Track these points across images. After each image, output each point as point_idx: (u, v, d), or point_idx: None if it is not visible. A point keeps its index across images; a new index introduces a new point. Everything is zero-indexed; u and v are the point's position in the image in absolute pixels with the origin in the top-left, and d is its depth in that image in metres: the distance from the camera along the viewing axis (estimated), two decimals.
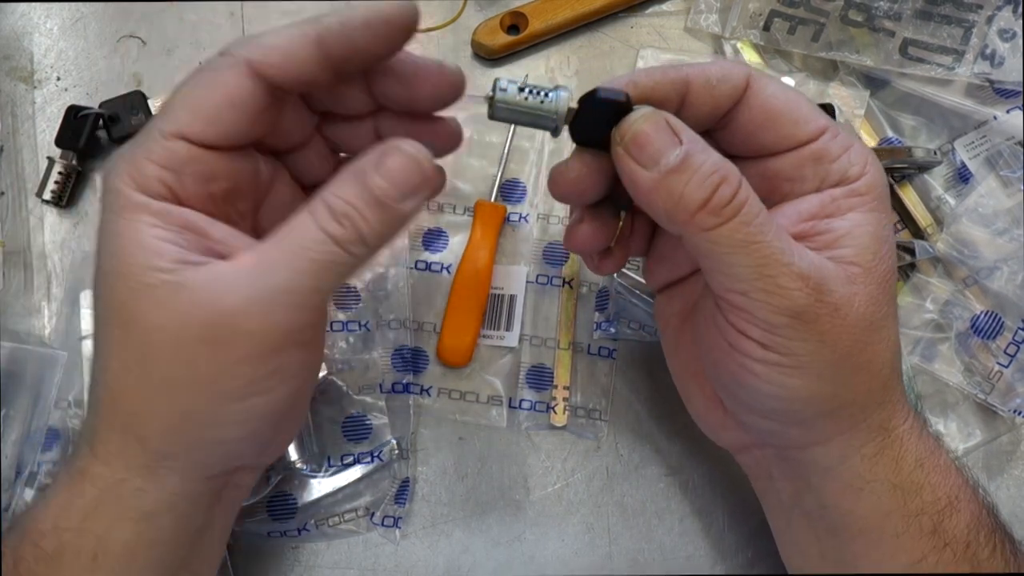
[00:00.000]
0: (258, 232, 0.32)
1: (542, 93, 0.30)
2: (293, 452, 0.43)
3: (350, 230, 0.27)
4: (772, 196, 0.32)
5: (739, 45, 0.51)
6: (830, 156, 0.31)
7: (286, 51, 0.28)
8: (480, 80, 0.52)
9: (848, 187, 0.31)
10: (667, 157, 0.28)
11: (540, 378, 0.47)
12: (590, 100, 0.29)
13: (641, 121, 0.29)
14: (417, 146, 0.28)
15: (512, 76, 0.30)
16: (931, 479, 0.33)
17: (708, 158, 0.28)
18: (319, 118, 0.34)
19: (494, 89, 0.30)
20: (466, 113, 0.50)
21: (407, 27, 0.28)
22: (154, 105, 0.49)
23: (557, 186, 0.33)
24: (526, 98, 0.29)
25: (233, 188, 0.30)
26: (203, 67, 0.29)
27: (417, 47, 0.52)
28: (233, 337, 0.27)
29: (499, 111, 0.30)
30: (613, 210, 0.35)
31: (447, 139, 0.34)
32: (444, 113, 0.33)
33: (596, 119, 0.30)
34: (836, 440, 0.33)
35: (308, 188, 0.35)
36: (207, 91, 0.28)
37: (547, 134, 0.50)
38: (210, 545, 0.36)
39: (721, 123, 0.32)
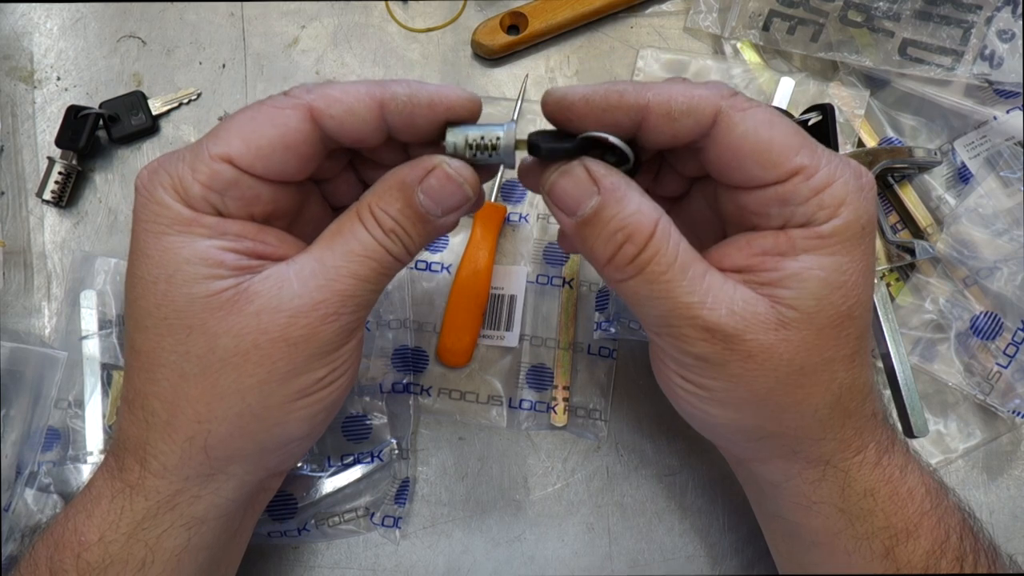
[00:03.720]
0: None
1: (488, 144, 0.30)
2: None
3: (399, 243, 0.30)
4: (740, 223, 0.32)
5: (739, 45, 0.51)
6: (797, 199, 0.29)
7: (349, 107, 0.29)
8: (480, 80, 0.52)
9: (811, 229, 0.29)
10: (583, 208, 0.29)
11: (540, 378, 0.47)
12: (535, 148, 0.30)
13: (559, 175, 0.29)
14: (459, 165, 0.30)
15: (466, 124, 0.30)
16: (884, 507, 0.33)
17: (619, 211, 0.28)
18: (351, 154, 0.35)
19: (444, 137, 0.30)
20: None
21: (467, 118, 0.30)
22: (154, 105, 0.50)
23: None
24: (475, 155, 0.30)
25: (273, 211, 0.31)
26: (264, 101, 0.29)
27: (417, 47, 0.52)
28: (309, 338, 0.29)
29: (450, 156, 0.31)
30: None
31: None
32: None
33: (545, 155, 0.30)
34: (775, 462, 0.34)
35: (334, 207, 0.37)
36: (265, 126, 0.29)
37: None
38: (239, 547, 0.37)
39: (689, 147, 0.31)
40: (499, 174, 0.48)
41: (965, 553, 0.33)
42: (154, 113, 0.49)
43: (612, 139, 0.30)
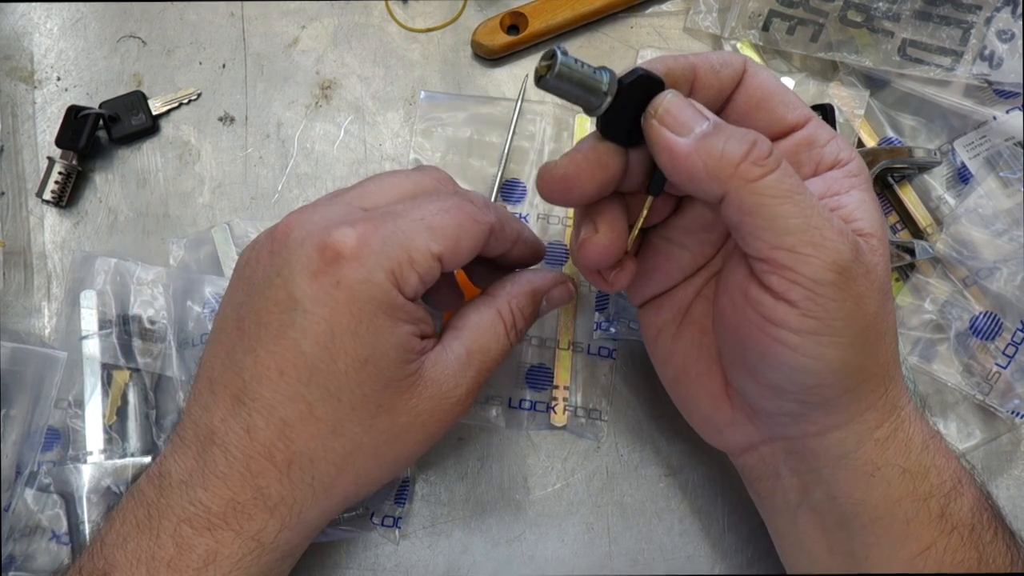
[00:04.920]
0: None
1: (592, 68, 0.30)
2: None
3: (517, 339, 0.36)
4: (704, 245, 0.36)
5: (738, 45, 0.51)
6: (820, 141, 0.33)
7: (502, 241, 0.35)
8: (480, 80, 0.52)
9: (843, 169, 0.33)
10: (700, 126, 0.30)
11: (540, 378, 0.47)
12: (633, 76, 0.31)
13: (673, 97, 0.31)
14: (573, 283, 0.39)
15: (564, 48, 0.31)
16: (936, 461, 0.34)
17: (737, 128, 0.30)
18: None
19: (553, 56, 0.29)
20: (466, 113, 0.50)
21: (540, 259, 0.40)
22: (154, 105, 0.50)
23: (544, 183, 0.33)
24: (582, 66, 0.30)
25: None
26: (462, 207, 0.32)
27: (417, 47, 0.52)
28: (454, 419, 0.34)
29: (555, 78, 0.29)
30: (623, 216, 0.35)
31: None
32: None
33: (632, 102, 0.31)
34: (853, 423, 0.33)
35: None
36: (468, 236, 0.32)
37: (545, 133, 0.50)
38: None
39: (721, 107, 0.34)
40: (499, 174, 0.48)
41: (994, 513, 0.35)
42: (154, 113, 0.50)
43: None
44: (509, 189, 0.49)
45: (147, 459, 0.43)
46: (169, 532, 0.30)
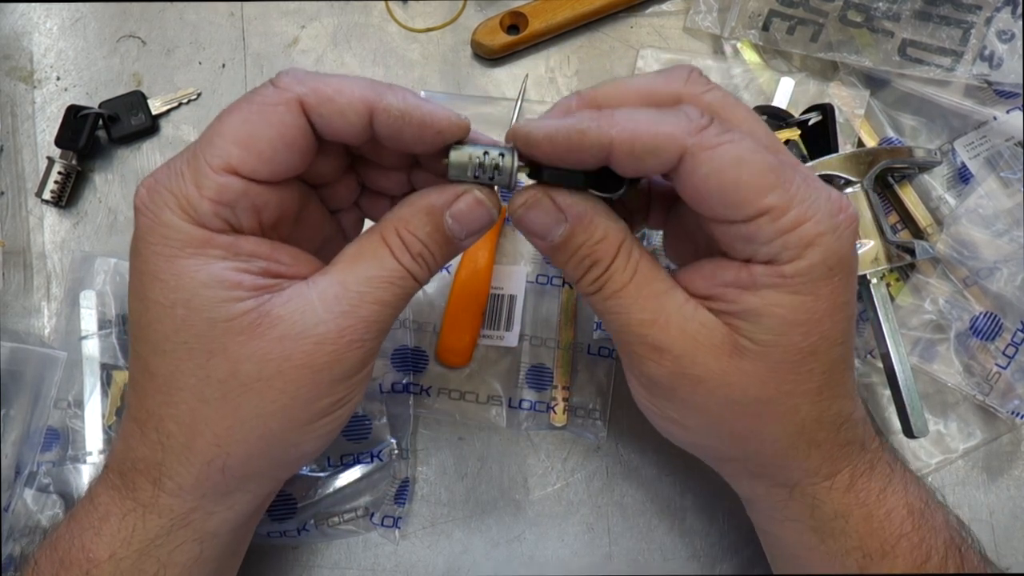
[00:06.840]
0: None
1: (490, 166, 0.30)
2: None
3: (424, 267, 0.30)
4: (710, 246, 0.32)
5: (739, 45, 0.51)
6: (760, 239, 0.28)
7: (340, 109, 0.28)
8: (480, 80, 0.52)
9: (774, 267, 0.28)
10: (552, 234, 0.30)
11: (540, 378, 0.47)
12: (538, 175, 0.30)
13: (524, 209, 0.30)
14: (487, 190, 0.31)
15: (469, 145, 0.31)
16: (857, 528, 0.32)
17: (587, 239, 0.30)
18: (353, 158, 0.34)
19: (448, 156, 0.30)
20: (466, 113, 0.50)
21: (452, 140, 0.30)
22: (154, 105, 0.50)
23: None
24: (476, 177, 0.30)
25: (279, 217, 0.31)
26: (253, 97, 0.28)
27: (417, 47, 0.52)
28: (332, 364, 0.29)
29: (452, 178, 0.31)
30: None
31: None
32: None
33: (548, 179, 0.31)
34: (742, 480, 0.35)
35: (333, 211, 0.36)
36: (261, 127, 0.28)
37: None
38: (242, 551, 0.37)
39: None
40: None
41: (947, 572, 0.33)
42: (154, 113, 0.49)
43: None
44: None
45: None
46: (91, 493, 0.32)
